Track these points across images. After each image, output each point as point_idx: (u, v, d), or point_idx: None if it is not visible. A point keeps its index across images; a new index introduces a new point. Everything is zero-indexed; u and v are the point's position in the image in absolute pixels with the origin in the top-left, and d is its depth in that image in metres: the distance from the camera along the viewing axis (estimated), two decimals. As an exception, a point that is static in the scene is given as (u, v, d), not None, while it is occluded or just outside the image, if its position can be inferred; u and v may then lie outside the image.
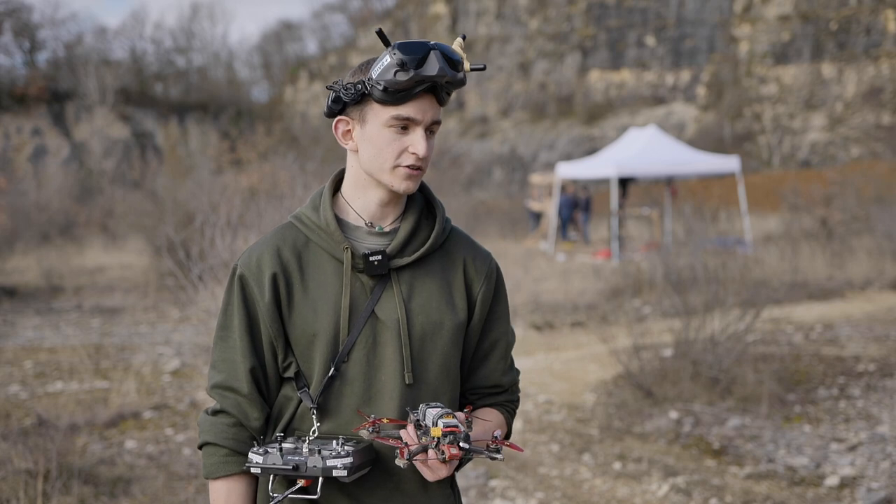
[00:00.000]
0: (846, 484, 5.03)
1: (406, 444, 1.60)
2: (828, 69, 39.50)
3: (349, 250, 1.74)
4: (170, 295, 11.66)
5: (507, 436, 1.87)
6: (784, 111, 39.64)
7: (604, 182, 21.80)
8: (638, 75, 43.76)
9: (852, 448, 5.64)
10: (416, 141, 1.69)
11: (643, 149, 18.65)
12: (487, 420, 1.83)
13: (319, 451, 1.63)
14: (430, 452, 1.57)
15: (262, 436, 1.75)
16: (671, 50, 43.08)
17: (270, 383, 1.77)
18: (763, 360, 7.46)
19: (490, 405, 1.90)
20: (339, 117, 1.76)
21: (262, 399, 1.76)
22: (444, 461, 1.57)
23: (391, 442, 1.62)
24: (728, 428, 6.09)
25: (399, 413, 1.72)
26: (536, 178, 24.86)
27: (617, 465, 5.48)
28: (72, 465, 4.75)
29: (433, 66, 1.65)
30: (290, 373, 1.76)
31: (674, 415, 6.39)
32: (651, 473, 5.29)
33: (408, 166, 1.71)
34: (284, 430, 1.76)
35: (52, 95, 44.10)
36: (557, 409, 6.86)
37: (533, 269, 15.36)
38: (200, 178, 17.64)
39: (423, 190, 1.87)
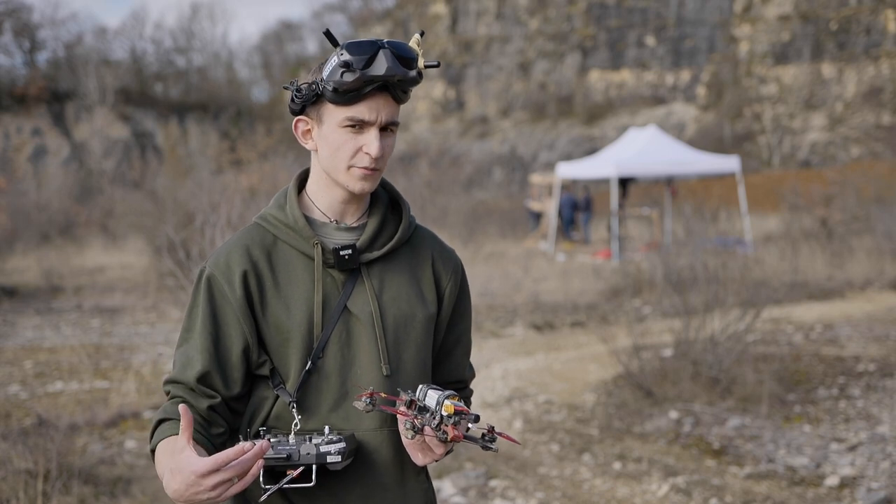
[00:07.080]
0: (846, 484, 5.03)
1: (416, 415, 1.57)
2: (828, 69, 39.50)
3: (319, 245, 1.73)
4: (170, 295, 11.64)
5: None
6: (784, 111, 39.64)
7: (604, 182, 21.79)
8: (638, 75, 43.76)
9: (852, 448, 5.64)
10: (370, 141, 1.68)
11: (643, 149, 18.65)
12: None
13: (310, 439, 1.61)
14: (428, 430, 1.55)
15: (207, 422, 1.67)
16: (671, 50, 43.09)
17: (230, 375, 1.70)
18: (763, 360, 7.46)
19: None
20: (298, 117, 1.77)
21: (211, 391, 1.68)
22: (444, 441, 1.55)
23: (399, 413, 1.58)
24: (728, 428, 6.09)
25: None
26: (536, 178, 24.87)
27: (617, 465, 5.48)
28: (72, 465, 4.75)
29: (381, 66, 1.62)
30: (265, 370, 1.72)
31: (674, 415, 6.39)
32: (651, 473, 5.28)
33: (363, 167, 1.70)
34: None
35: (52, 95, 44.10)
36: (557, 409, 6.86)
37: (533, 269, 15.36)
38: (200, 178, 17.63)
39: (386, 188, 1.88)
